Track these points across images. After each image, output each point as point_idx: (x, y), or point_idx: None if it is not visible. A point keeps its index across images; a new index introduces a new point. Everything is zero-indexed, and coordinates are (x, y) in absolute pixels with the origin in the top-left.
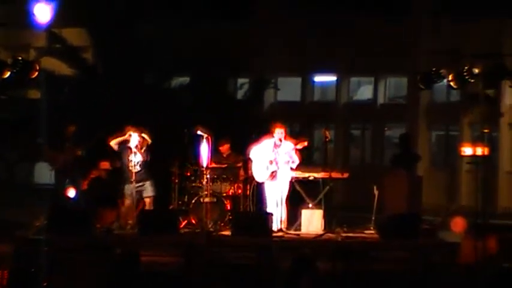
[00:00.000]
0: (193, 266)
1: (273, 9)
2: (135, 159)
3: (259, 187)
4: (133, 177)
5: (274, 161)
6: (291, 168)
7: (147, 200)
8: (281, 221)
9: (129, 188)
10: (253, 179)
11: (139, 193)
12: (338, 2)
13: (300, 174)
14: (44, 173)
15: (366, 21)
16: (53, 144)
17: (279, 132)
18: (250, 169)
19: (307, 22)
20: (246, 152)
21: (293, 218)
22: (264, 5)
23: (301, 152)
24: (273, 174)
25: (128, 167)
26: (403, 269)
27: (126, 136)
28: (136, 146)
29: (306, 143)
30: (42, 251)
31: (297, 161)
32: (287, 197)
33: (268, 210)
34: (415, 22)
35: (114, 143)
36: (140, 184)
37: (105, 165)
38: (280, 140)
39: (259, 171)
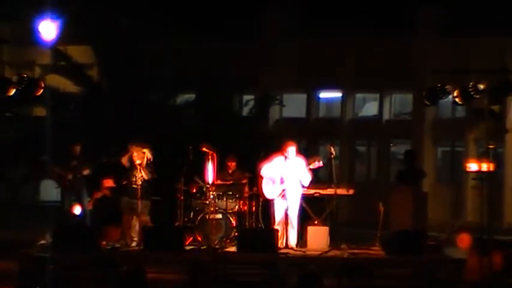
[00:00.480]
0: (198, 283)
1: (278, 27)
2: (138, 176)
3: (267, 204)
4: (138, 194)
5: (285, 179)
6: (303, 186)
7: (143, 218)
8: (292, 239)
9: (132, 203)
10: (260, 195)
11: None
12: (343, 19)
13: (305, 191)
14: (50, 191)
15: (371, 37)
16: (59, 163)
17: (290, 149)
18: (260, 186)
19: (313, 39)
20: (256, 169)
21: (299, 235)
22: (270, 23)
23: (316, 171)
24: (283, 193)
25: (132, 183)
26: (408, 285)
27: (130, 153)
28: (140, 164)
29: (321, 163)
30: (47, 269)
31: (309, 179)
32: (298, 214)
33: (277, 227)
34: (421, 39)
35: (124, 160)
36: (134, 201)
37: (109, 182)
38: (291, 157)
39: (269, 189)
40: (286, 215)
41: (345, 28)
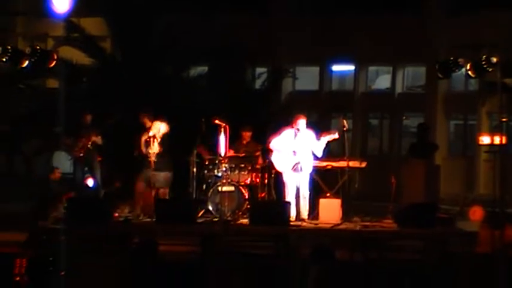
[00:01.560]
0: (210, 255)
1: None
2: (154, 148)
3: (279, 176)
4: (152, 165)
5: (297, 152)
6: (316, 158)
7: (161, 191)
8: (306, 211)
9: (147, 173)
10: (272, 167)
11: (154, 181)
12: None
13: (317, 164)
14: (63, 163)
15: (384, 11)
16: (71, 133)
17: (300, 122)
18: (271, 159)
19: (326, 12)
20: (267, 141)
21: (311, 207)
22: None
23: (328, 144)
24: (296, 166)
25: (147, 154)
26: (420, 258)
27: (149, 127)
28: (154, 136)
29: (336, 135)
30: (60, 240)
31: (322, 149)
32: (309, 189)
33: (288, 199)
34: (433, 12)
35: (145, 138)
36: (154, 173)
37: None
38: (301, 130)
39: (281, 162)
40: (298, 188)
41: (358, 2)
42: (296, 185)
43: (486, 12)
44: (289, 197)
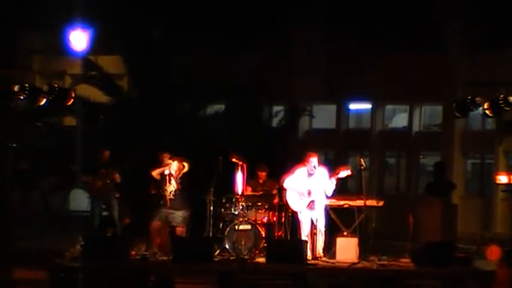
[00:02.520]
0: None
1: (308, 37)
2: (171, 186)
3: (294, 215)
4: (168, 203)
5: (312, 191)
6: (326, 196)
7: (178, 229)
8: (316, 249)
9: (163, 211)
10: (289, 206)
11: (170, 219)
12: (374, 31)
13: (334, 202)
14: (80, 200)
15: (400, 49)
16: (88, 170)
17: (311, 160)
18: (285, 198)
19: (343, 50)
20: (281, 180)
21: (328, 246)
22: (300, 33)
23: (339, 180)
24: (310, 205)
25: (164, 193)
26: None
27: (166, 165)
28: (172, 174)
29: (349, 172)
30: (78, 278)
31: (332, 188)
32: (325, 225)
33: (304, 238)
34: (451, 51)
35: (156, 173)
36: (171, 212)
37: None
38: (314, 168)
39: (294, 201)
40: (314, 226)
41: (375, 39)
42: (311, 222)
43: (503, 51)
44: (304, 235)
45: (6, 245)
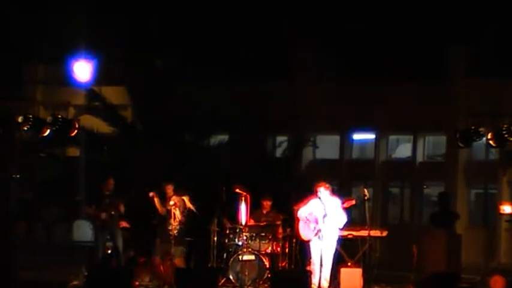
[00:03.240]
0: None
1: (311, 69)
2: (174, 222)
3: (304, 245)
4: (172, 238)
5: (320, 220)
6: (339, 228)
7: (176, 260)
8: (324, 280)
9: (166, 247)
10: (297, 236)
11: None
12: (376, 63)
13: (339, 233)
14: (83, 231)
15: (404, 79)
16: (92, 201)
17: (321, 190)
18: (297, 228)
19: (346, 80)
20: (290, 210)
21: (332, 276)
22: (303, 64)
23: (346, 211)
24: (317, 233)
25: (167, 226)
26: None
27: (170, 197)
28: (175, 205)
29: (353, 202)
30: None
31: (345, 219)
32: (333, 256)
33: (313, 267)
34: (454, 80)
35: (159, 205)
36: (172, 246)
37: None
38: (325, 198)
39: (305, 230)
40: (321, 256)
41: (378, 70)
42: (320, 253)
43: (506, 80)
44: (313, 265)
45: (11, 275)
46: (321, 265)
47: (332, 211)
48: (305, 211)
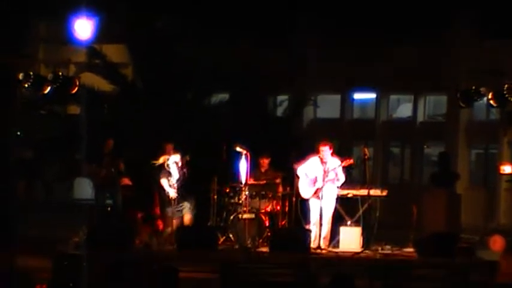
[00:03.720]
0: (230, 282)
1: (314, 27)
2: (173, 180)
3: (304, 204)
4: (173, 200)
5: (319, 179)
6: (337, 186)
7: (186, 217)
8: (323, 239)
9: (169, 211)
10: (293, 195)
11: (179, 213)
12: (378, 21)
13: (338, 192)
14: (84, 189)
15: (405, 39)
16: (93, 159)
17: (324, 149)
18: (297, 186)
19: (348, 40)
20: (290, 168)
21: (332, 235)
22: (304, 23)
23: (344, 170)
24: (317, 192)
25: (166, 189)
26: (441, 287)
27: (167, 153)
28: (175, 163)
29: (351, 161)
30: (81, 266)
31: (343, 179)
32: (332, 215)
33: (312, 227)
34: (455, 40)
35: (163, 159)
36: (180, 206)
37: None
38: (326, 158)
39: (305, 189)
40: (321, 216)
41: (380, 29)
42: (319, 213)
43: (507, 40)
44: (313, 225)
45: (10, 232)
46: (320, 224)
47: (331, 170)
48: (305, 169)
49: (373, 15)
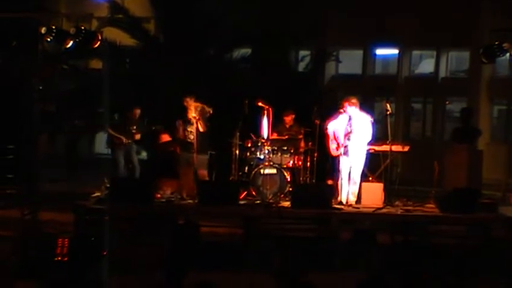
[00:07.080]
0: (252, 237)
1: None
2: (193, 130)
3: (334, 161)
4: (193, 148)
5: (347, 136)
6: (366, 143)
7: (200, 172)
8: (351, 194)
9: (187, 155)
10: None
11: (193, 162)
12: None
13: (366, 148)
14: (105, 143)
15: None
16: (117, 127)
17: (351, 106)
18: (328, 143)
19: None
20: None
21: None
22: None
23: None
24: (344, 150)
25: (187, 137)
26: (462, 243)
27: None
28: (194, 117)
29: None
30: (102, 220)
31: (370, 135)
32: (362, 172)
33: (342, 183)
34: None
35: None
36: (194, 155)
37: (166, 137)
38: (354, 114)
39: (334, 146)
40: (349, 172)
41: None
42: (348, 169)
43: None
44: (342, 180)
45: (32, 187)
46: (349, 179)
47: (359, 127)
48: (334, 126)
49: None
